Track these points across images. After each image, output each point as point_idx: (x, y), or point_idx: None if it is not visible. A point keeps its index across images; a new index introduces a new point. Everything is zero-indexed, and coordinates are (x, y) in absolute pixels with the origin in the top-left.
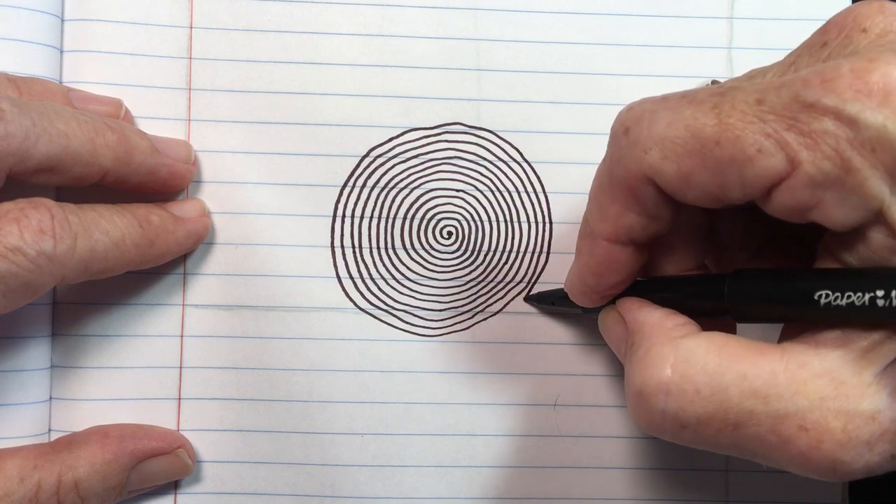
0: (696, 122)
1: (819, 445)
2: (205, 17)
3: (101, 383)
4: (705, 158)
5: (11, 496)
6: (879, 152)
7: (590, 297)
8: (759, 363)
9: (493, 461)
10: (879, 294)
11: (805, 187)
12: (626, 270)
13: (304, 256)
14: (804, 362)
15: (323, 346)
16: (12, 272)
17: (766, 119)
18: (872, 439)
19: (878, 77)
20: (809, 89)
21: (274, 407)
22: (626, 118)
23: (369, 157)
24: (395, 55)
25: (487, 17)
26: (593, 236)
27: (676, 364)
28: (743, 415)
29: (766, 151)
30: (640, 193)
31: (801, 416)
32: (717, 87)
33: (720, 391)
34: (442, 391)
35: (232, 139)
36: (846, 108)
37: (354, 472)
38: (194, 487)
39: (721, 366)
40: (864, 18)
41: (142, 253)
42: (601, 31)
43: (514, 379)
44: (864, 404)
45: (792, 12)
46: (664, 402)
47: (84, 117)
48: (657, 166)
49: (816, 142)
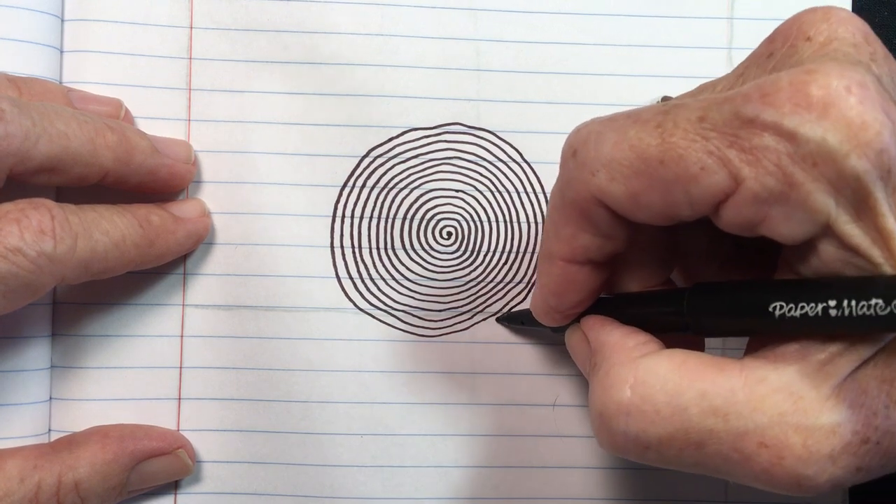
0: (640, 142)
1: (780, 462)
2: (205, 17)
3: (101, 383)
4: (651, 178)
5: (12, 496)
6: (821, 166)
7: (553, 317)
8: (718, 380)
9: (493, 461)
10: (832, 304)
11: (750, 203)
12: (586, 290)
13: (304, 256)
14: (762, 378)
15: (322, 346)
16: (13, 273)
17: (708, 136)
18: (834, 453)
19: (816, 89)
20: (749, 104)
21: (273, 407)
22: (573, 140)
23: (369, 158)
24: (394, 55)
25: (487, 17)
26: (551, 257)
27: (636, 385)
28: (704, 433)
29: (709, 169)
30: (592, 215)
31: (760, 433)
32: (662, 106)
33: (680, 411)
34: (442, 391)
35: (232, 139)
36: (785, 122)
37: (354, 473)
38: (194, 487)
39: (680, 385)
40: (809, 26)
41: (142, 253)
42: (601, 32)
43: (514, 379)
44: (824, 418)
45: (792, 12)
46: (625, 423)
47: (84, 117)
48: (605, 188)
49: (758, 158)
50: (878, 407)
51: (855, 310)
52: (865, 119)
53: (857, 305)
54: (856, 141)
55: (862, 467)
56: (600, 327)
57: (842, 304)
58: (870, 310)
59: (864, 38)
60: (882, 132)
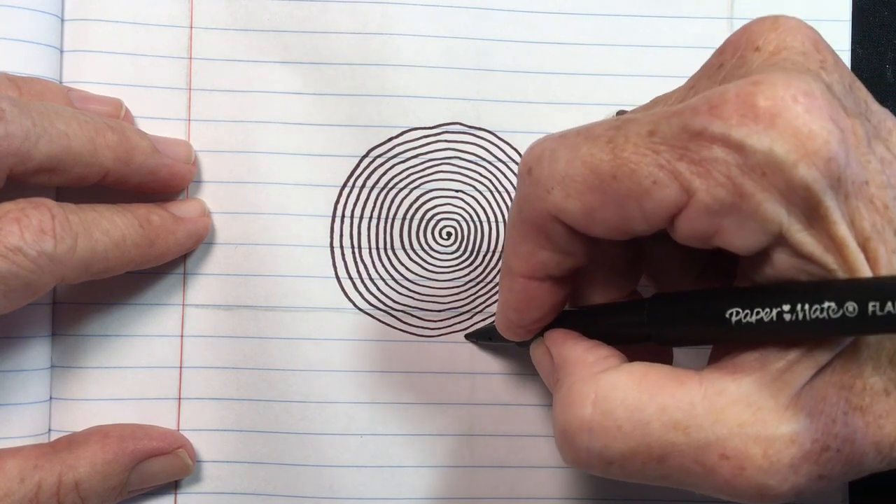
0: (592, 158)
1: (742, 472)
2: (205, 17)
3: (101, 383)
4: (605, 193)
5: (12, 496)
6: (770, 176)
7: (516, 332)
8: (678, 394)
9: (493, 461)
10: (786, 309)
11: (702, 215)
12: (548, 305)
13: (304, 256)
14: (722, 389)
15: (322, 346)
16: (13, 272)
17: (658, 150)
18: (795, 462)
19: (762, 100)
20: (697, 117)
21: (273, 407)
22: (528, 158)
23: (369, 158)
24: (394, 55)
25: (487, 16)
26: (511, 273)
27: (597, 401)
28: (666, 447)
29: (660, 183)
30: (549, 231)
31: (721, 445)
32: (613, 121)
33: (641, 425)
34: (441, 391)
35: (232, 139)
36: (733, 134)
37: (353, 473)
38: (194, 487)
39: (641, 400)
40: (758, 36)
41: (142, 253)
42: (601, 32)
43: (514, 379)
44: (783, 428)
45: (792, 12)
46: (588, 440)
47: (84, 117)
48: (560, 204)
49: (708, 170)
50: (837, 414)
51: (808, 314)
52: (813, 128)
53: (810, 309)
54: (804, 150)
55: (824, 475)
56: (562, 342)
57: (795, 308)
58: (823, 313)
59: (814, 46)
60: (830, 140)
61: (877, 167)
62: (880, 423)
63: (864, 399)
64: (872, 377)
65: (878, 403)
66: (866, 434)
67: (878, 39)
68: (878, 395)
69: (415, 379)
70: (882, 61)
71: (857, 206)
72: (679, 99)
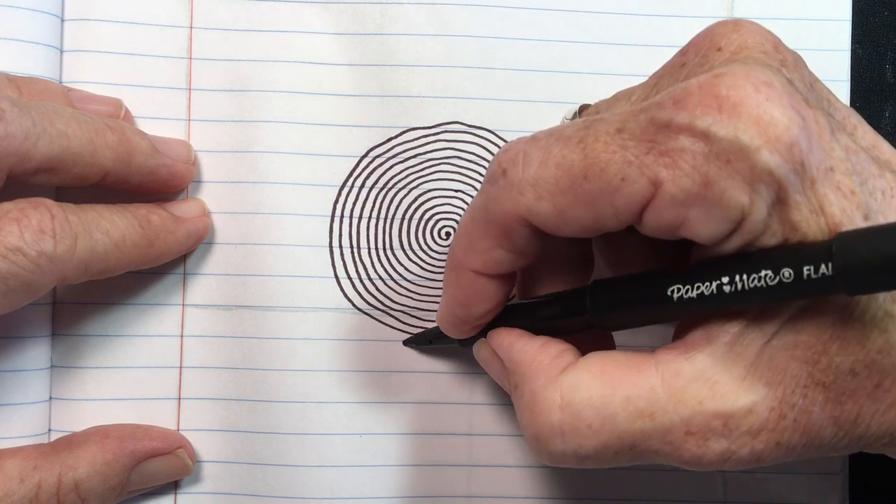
0: (564, 159)
1: (706, 444)
2: (205, 17)
3: (101, 383)
4: (576, 194)
5: (12, 496)
6: (734, 163)
7: (460, 329)
8: (638, 382)
9: (492, 461)
10: (725, 280)
11: (668, 207)
12: (494, 300)
13: (303, 256)
14: (677, 370)
15: (321, 346)
16: (13, 272)
17: (627, 147)
18: (753, 430)
19: (724, 90)
20: (663, 111)
21: (272, 407)
22: (503, 159)
23: (368, 157)
24: (393, 54)
25: (487, 14)
26: (460, 268)
27: (564, 405)
28: (635, 436)
29: (629, 179)
30: (514, 233)
31: (685, 423)
32: (582, 121)
33: (609, 420)
34: (440, 391)
35: (232, 139)
36: (697, 123)
37: (353, 473)
38: (194, 487)
39: (605, 395)
40: (720, 38)
41: (142, 253)
42: (601, 31)
43: None
44: (741, 400)
45: (792, 12)
46: (562, 443)
47: (84, 117)
48: (533, 207)
49: (675, 160)
50: (797, 387)
51: (747, 283)
52: (774, 115)
53: (748, 279)
54: (766, 136)
55: (782, 443)
56: (510, 345)
57: (734, 279)
58: (760, 281)
59: (774, 48)
60: (791, 127)
61: (841, 155)
62: (842, 401)
63: (828, 376)
64: (838, 356)
65: (842, 382)
66: (825, 408)
67: (878, 39)
68: (844, 375)
69: (414, 379)
70: (882, 61)
71: (824, 192)
72: (642, 96)
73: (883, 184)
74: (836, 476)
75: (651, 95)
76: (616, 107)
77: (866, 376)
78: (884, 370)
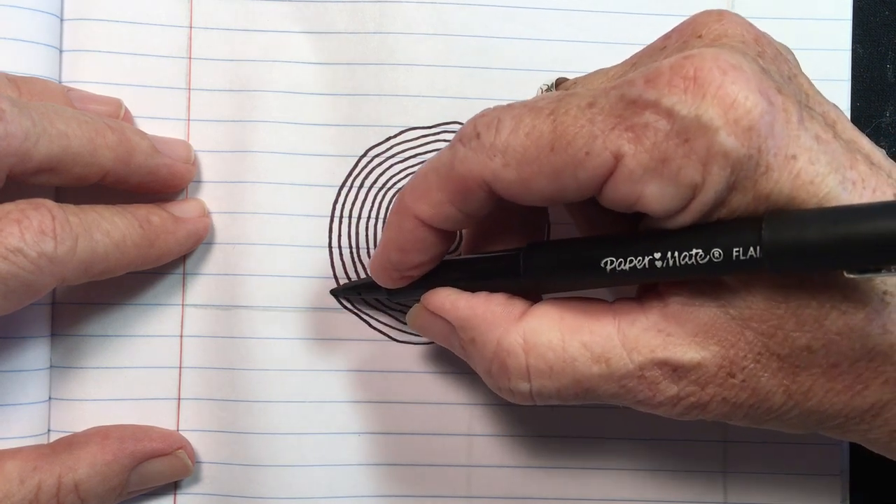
0: (533, 129)
1: (657, 387)
2: (205, 17)
3: (100, 383)
4: (542, 165)
5: (12, 498)
6: (693, 142)
7: (390, 276)
8: (596, 329)
9: (491, 461)
10: (657, 256)
11: (627, 181)
12: (431, 252)
13: (303, 256)
14: (633, 320)
15: (320, 346)
16: (13, 273)
17: (595, 121)
18: (701, 381)
19: (692, 71)
20: (633, 88)
21: (272, 407)
22: (479, 122)
23: (367, 157)
24: (392, 53)
25: (486, 14)
26: (406, 212)
27: (528, 348)
28: (593, 379)
29: (593, 153)
30: (471, 194)
31: (639, 369)
32: (557, 94)
33: (570, 364)
34: (439, 391)
35: (231, 139)
36: (663, 101)
37: (352, 472)
38: (194, 488)
39: (564, 340)
40: (702, 26)
41: (142, 254)
42: (601, 29)
43: None
44: (690, 354)
45: (792, 12)
46: (527, 385)
47: (84, 117)
48: (499, 173)
49: (638, 136)
50: (750, 352)
51: (678, 260)
52: (737, 98)
53: (679, 256)
54: (725, 118)
55: (728, 399)
56: (453, 303)
57: (666, 256)
58: (691, 259)
59: (754, 39)
60: (752, 111)
61: (808, 144)
62: (796, 372)
63: (784, 349)
64: (795, 332)
65: (797, 355)
66: (776, 375)
67: (878, 39)
68: (800, 350)
69: (413, 379)
70: (882, 61)
71: (777, 178)
72: (619, 73)
73: (854, 175)
74: (836, 477)
75: (628, 74)
76: (592, 82)
77: (823, 355)
78: (841, 352)
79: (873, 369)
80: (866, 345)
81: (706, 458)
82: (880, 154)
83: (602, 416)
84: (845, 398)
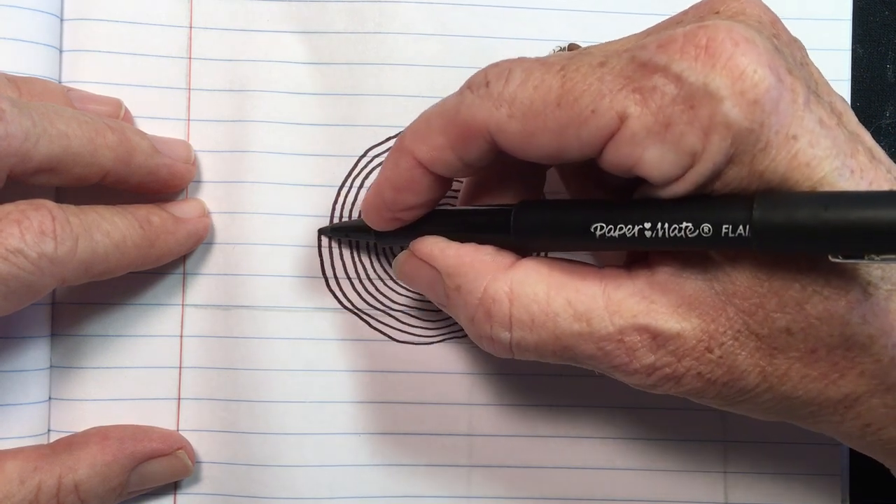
0: (542, 83)
1: (634, 354)
2: (205, 17)
3: (100, 383)
4: (546, 119)
5: (12, 498)
6: (697, 109)
7: (381, 215)
8: (581, 288)
9: (491, 461)
10: (647, 226)
11: (628, 143)
12: (425, 196)
13: (302, 257)
14: (619, 284)
15: (320, 346)
16: (13, 274)
17: (604, 80)
18: (678, 353)
19: (704, 40)
20: (645, 51)
21: (272, 408)
22: (490, 71)
23: (367, 157)
24: (391, 53)
25: (487, 13)
26: (404, 151)
27: (513, 297)
28: (573, 337)
29: (599, 112)
30: (473, 143)
31: (619, 332)
32: (570, 53)
33: (552, 318)
34: (439, 391)
35: (232, 139)
36: (673, 66)
37: (352, 472)
38: (194, 488)
39: (549, 295)
40: (720, 3)
41: (142, 254)
42: (601, 29)
43: (512, 379)
44: (671, 323)
45: (792, 12)
46: (508, 334)
47: (84, 117)
48: (503, 124)
49: (645, 98)
50: (729, 329)
51: (668, 232)
52: (746, 70)
53: (668, 228)
54: (732, 89)
55: (703, 374)
56: (442, 250)
57: (655, 226)
58: (680, 232)
59: (771, 22)
60: (759, 85)
61: (810, 126)
62: (773, 354)
63: (764, 329)
64: (776, 312)
65: (776, 337)
66: (753, 355)
67: (878, 39)
68: (779, 331)
69: (413, 378)
70: (882, 61)
71: (774, 156)
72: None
73: (853, 163)
74: (836, 477)
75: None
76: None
77: (801, 339)
78: (819, 337)
79: (850, 359)
80: (845, 332)
81: (707, 458)
82: (882, 151)
83: (604, 417)
84: (820, 386)
